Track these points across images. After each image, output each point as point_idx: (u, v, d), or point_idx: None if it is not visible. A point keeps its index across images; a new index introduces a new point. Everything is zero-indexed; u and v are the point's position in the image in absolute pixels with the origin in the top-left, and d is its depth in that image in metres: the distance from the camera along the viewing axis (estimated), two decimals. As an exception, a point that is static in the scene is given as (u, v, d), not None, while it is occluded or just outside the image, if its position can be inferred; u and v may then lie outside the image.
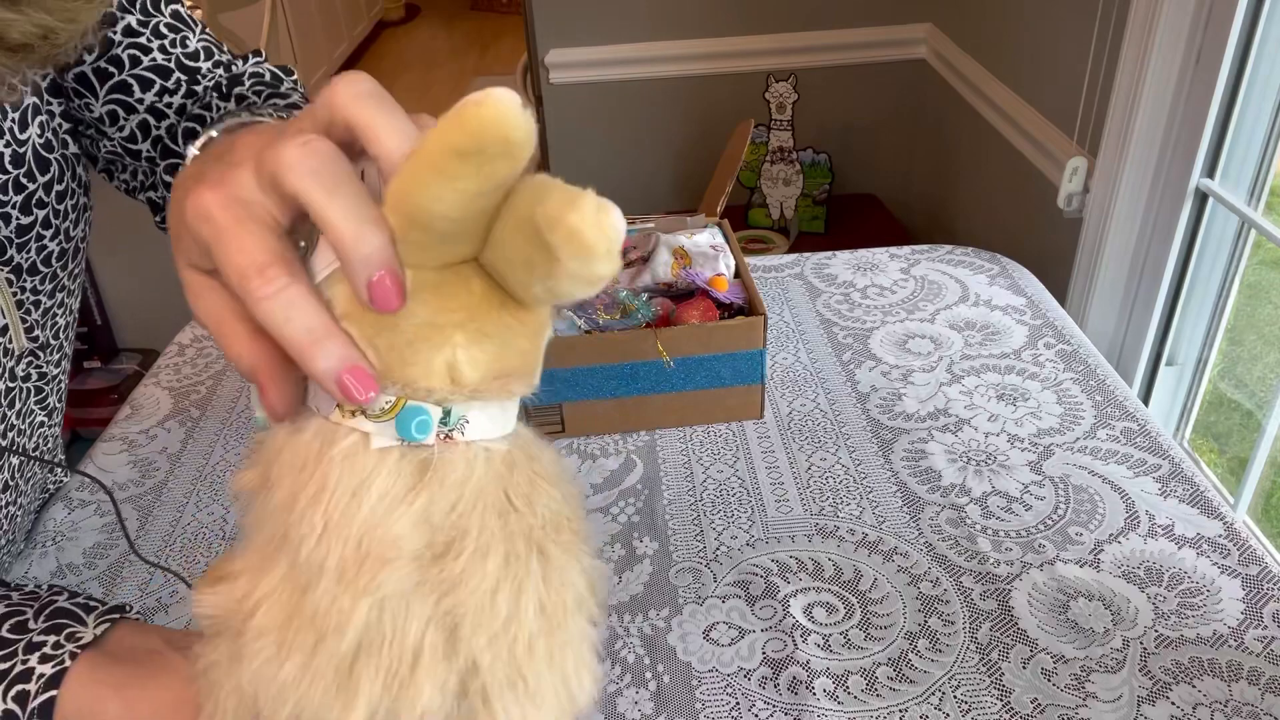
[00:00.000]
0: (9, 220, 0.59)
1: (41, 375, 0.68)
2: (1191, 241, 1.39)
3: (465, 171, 0.29)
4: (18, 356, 0.64)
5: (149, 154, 0.66)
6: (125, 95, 0.63)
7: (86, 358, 2.37)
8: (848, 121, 2.33)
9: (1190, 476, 0.84)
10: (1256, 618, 0.71)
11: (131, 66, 0.63)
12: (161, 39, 0.64)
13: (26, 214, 0.60)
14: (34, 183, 0.61)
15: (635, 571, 0.78)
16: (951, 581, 0.76)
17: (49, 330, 0.67)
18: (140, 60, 0.63)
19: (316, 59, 4.18)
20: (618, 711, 0.67)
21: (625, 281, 0.99)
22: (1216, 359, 1.46)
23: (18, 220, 0.60)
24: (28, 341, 0.64)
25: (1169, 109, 1.34)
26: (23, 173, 0.60)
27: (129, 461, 0.93)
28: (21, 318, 0.62)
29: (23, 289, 0.62)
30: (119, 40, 0.63)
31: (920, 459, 0.89)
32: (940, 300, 1.12)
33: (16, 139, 0.59)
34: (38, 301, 0.64)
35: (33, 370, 0.67)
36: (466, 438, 0.33)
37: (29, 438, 0.70)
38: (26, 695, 0.46)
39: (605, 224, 0.29)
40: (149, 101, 0.64)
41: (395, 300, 0.31)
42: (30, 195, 0.60)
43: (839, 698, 0.67)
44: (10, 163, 0.59)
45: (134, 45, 0.63)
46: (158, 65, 0.64)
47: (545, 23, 2.18)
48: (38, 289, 0.63)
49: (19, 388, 0.66)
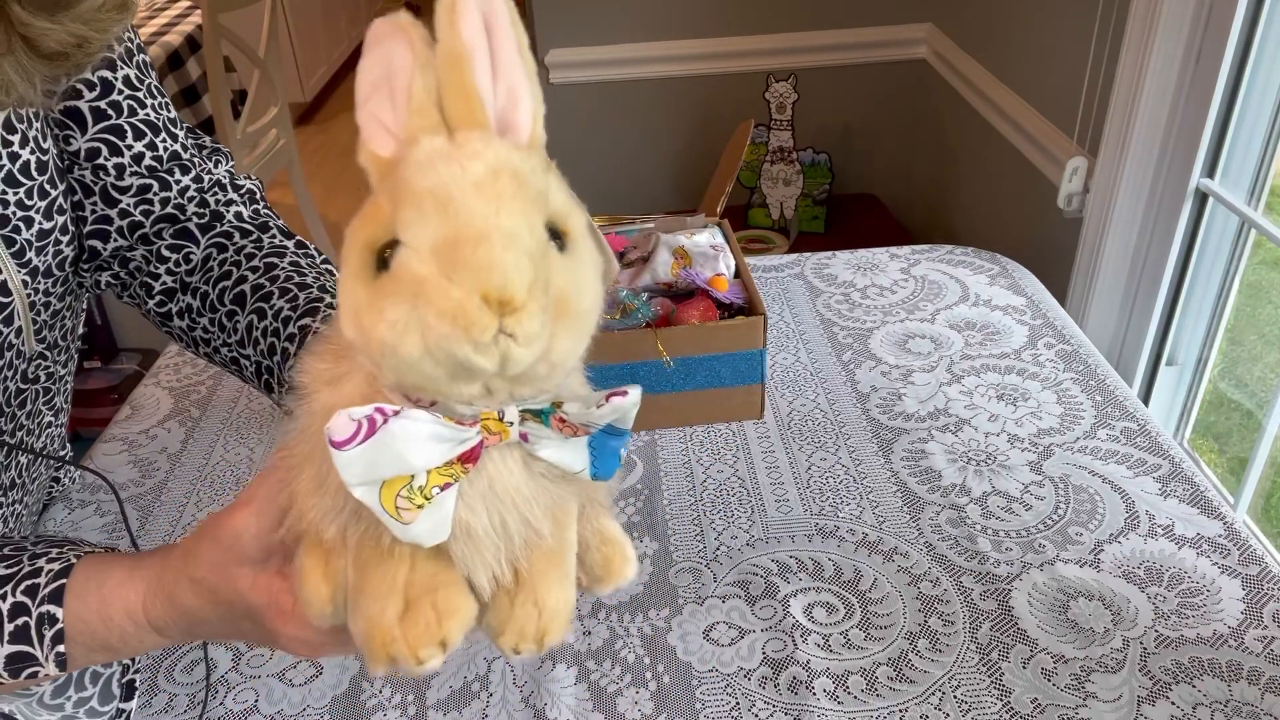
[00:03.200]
0: (32, 224, 0.61)
1: (50, 376, 0.69)
2: (1191, 241, 1.39)
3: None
4: (29, 359, 0.65)
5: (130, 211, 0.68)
6: (116, 138, 0.66)
7: (86, 358, 2.37)
8: (848, 121, 2.33)
9: (1190, 476, 0.84)
10: (1256, 618, 0.71)
11: (129, 115, 0.66)
12: (153, 99, 0.69)
13: (49, 219, 0.62)
14: (55, 189, 0.63)
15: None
16: (951, 581, 0.76)
17: (58, 331, 0.69)
18: (136, 112, 0.67)
19: (316, 59, 4.18)
20: (618, 711, 0.67)
21: (625, 281, 0.99)
22: (1216, 359, 1.46)
23: (40, 225, 0.61)
24: (37, 344, 0.65)
25: (1169, 109, 1.34)
26: (46, 179, 0.62)
27: (129, 461, 0.93)
28: (33, 319, 0.64)
29: (37, 290, 0.63)
30: (119, 88, 0.66)
31: (920, 459, 0.89)
32: (940, 300, 1.12)
33: (40, 147, 0.61)
34: (48, 304, 0.65)
35: (41, 372, 0.68)
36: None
37: (37, 437, 0.71)
38: (36, 588, 0.48)
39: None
40: (138, 151, 0.67)
41: None
42: (53, 201, 0.62)
43: (839, 698, 0.67)
44: (36, 169, 0.61)
45: (132, 98, 0.67)
46: (149, 121, 0.68)
47: (545, 23, 2.18)
48: (49, 291, 0.64)
49: (29, 389, 0.67)
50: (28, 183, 0.60)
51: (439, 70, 0.34)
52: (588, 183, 2.40)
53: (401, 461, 0.35)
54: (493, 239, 0.31)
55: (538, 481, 0.39)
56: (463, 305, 0.31)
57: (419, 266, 0.32)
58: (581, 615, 0.75)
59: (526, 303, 0.32)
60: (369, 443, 0.35)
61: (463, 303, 0.31)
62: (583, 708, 0.68)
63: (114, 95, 0.65)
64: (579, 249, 0.35)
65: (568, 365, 0.36)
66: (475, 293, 0.31)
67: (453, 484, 0.37)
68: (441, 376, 0.33)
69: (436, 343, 0.32)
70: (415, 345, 0.32)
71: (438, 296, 0.32)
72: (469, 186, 0.32)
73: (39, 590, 0.47)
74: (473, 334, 0.31)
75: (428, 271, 0.32)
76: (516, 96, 0.35)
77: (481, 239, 0.31)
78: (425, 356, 0.33)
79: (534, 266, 0.32)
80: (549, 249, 0.33)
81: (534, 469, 0.39)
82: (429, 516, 0.36)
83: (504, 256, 0.31)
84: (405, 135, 0.35)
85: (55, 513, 0.86)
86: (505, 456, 0.38)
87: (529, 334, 0.32)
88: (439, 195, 0.32)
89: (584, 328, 0.35)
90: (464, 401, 0.35)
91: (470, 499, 0.38)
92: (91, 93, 0.64)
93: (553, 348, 0.34)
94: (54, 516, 0.86)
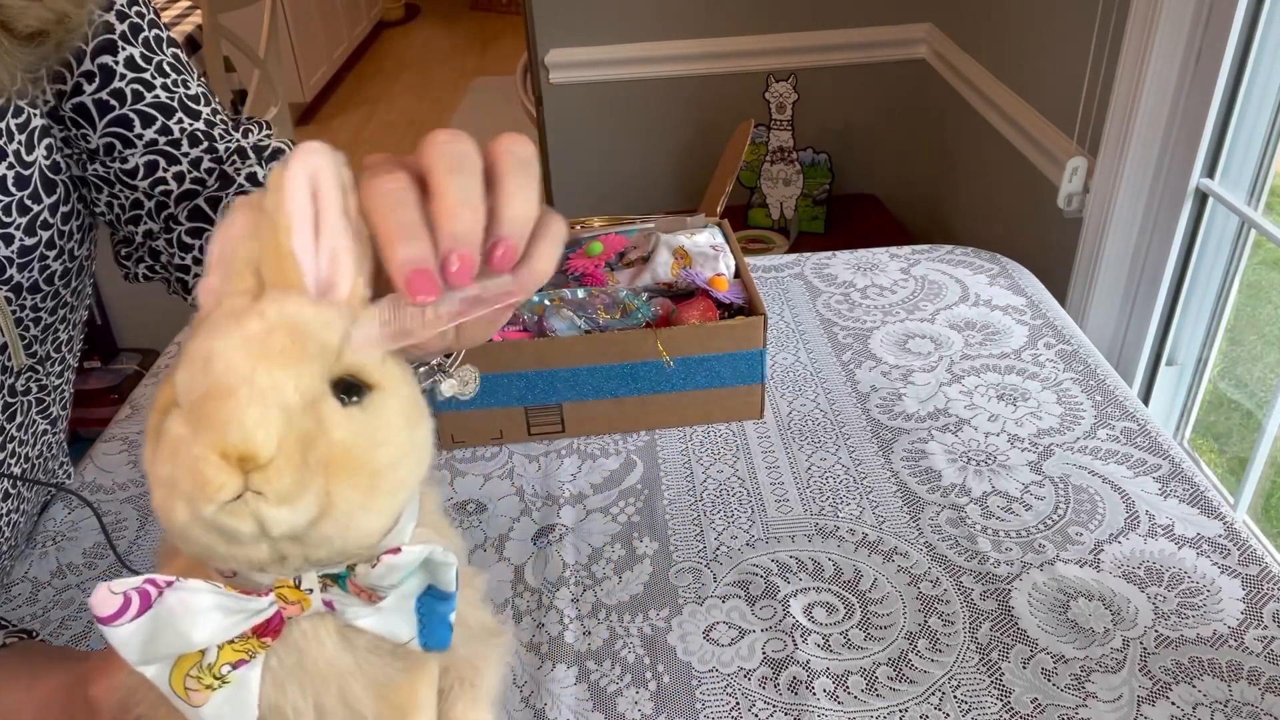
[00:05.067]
0: (11, 241, 0.58)
1: (42, 388, 0.68)
2: (1191, 241, 1.39)
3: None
4: (17, 373, 0.63)
5: (151, 193, 0.65)
6: (124, 129, 0.62)
7: (87, 358, 2.37)
8: (848, 121, 2.33)
9: (1190, 476, 0.84)
10: (1256, 618, 0.71)
11: (134, 101, 0.63)
12: (164, 77, 0.64)
13: (30, 235, 0.59)
14: (39, 204, 0.60)
15: (635, 571, 0.78)
16: (951, 581, 0.76)
17: (50, 345, 0.67)
18: (143, 96, 0.63)
19: (316, 59, 4.18)
20: (618, 711, 0.67)
21: (625, 281, 0.99)
22: (1216, 359, 1.46)
23: (21, 241, 0.59)
24: (27, 358, 0.63)
25: (1169, 109, 1.34)
26: (28, 194, 0.59)
27: (129, 461, 0.93)
28: (20, 335, 0.62)
29: (22, 307, 0.61)
30: (121, 73, 0.62)
31: (920, 459, 0.89)
32: (940, 300, 1.12)
33: (23, 161, 0.59)
34: (38, 319, 0.63)
35: (33, 384, 0.66)
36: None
37: (32, 446, 0.70)
38: None
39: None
40: (149, 138, 0.64)
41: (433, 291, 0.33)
42: (35, 217, 0.60)
43: (839, 698, 0.67)
44: (14, 185, 0.58)
45: (137, 80, 0.62)
46: (160, 103, 0.63)
47: (545, 23, 2.18)
48: (38, 306, 0.62)
49: (19, 402, 0.65)
50: (5, 199, 0.58)
51: (261, 238, 0.34)
52: (588, 183, 2.40)
53: (184, 639, 0.33)
54: (239, 393, 0.30)
55: (359, 655, 0.36)
56: (200, 462, 0.30)
57: (177, 427, 0.31)
58: (581, 615, 0.75)
59: (275, 458, 0.30)
60: (144, 618, 0.32)
61: (200, 459, 0.30)
62: (583, 708, 0.68)
63: (116, 83, 0.62)
64: (385, 402, 0.33)
65: (371, 526, 0.33)
66: (214, 449, 0.30)
67: (248, 660, 0.34)
68: (216, 542, 0.31)
69: (188, 505, 0.30)
70: (181, 510, 0.31)
71: (184, 455, 0.30)
72: (236, 344, 0.31)
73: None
74: (208, 492, 0.30)
75: (183, 431, 0.31)
76: (336, 257, 0.34)
77: (227, 394, 0.30)
78: (192, 522, 0.31)
79: (288, 420, 0.31)
80: (326, 402, 0.32)
81: (355, 642, 0.36)
82: (227, 698, 0.34)
83: (246, 411, 0.30)
84: (217, 300, 0.34)
85: (54, 513, 0.86)
86: (317, 628, 0.35)
87: (280, 492, 0.30)
88: (204, 354, 0.31)
89: (379, 485, 0.33)
90: (256, 569, 0.33)
91: (279, 675, 0.35)
92: (92, 84, 0.61)
93: (334, 506, 0.32)
94: (54, 516, 0.86)
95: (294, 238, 0.34)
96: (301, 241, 0.34)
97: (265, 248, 0.34)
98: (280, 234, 0.34)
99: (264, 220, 0.34)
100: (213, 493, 0.30)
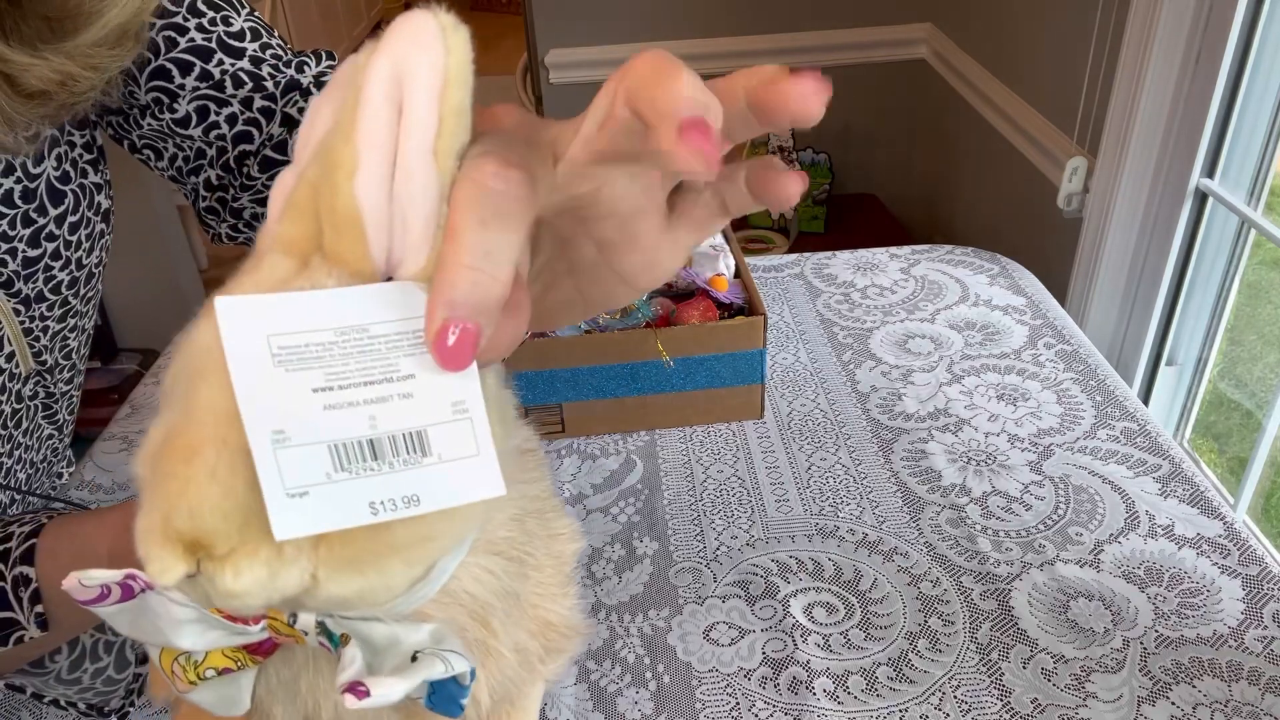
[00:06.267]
0: (16, 254, 0.58)
1: (49, 394, 0.67)
2: (1191, 241, 1.39)
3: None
4: (24, 379, 0.63)
5: (209, 140, 0.63)
6: (165, 81, 0.60)
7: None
8: (848, 121, 2.33)
9: (1190, 476, 0.84)
10: (1256, 618, 0.71)
11: (168, 50, 0.59)
12: (199, 17, 0.60)
13: (34, 247, 0.59)
14: (44, 216, 0.59)
15: (635, 571, 0.78)
16: (951, 581, 0.76)
17: (59, 353, 0.66)
18: (176, 42, 0.59)
19: (316, 59, 4.18)
20: (618, 711, 0.67)
21: (625, 281, 0.99)
22: (1216, 359, 1.46)
23: (25, 253, 0.59)
24: (35, 365, 0.63)
25: (1169, 109, 1.34)
26: (33, 207, 0.58)
27: (129, 461, 0.93)
28: (30, 344, 0.61)
29: (31, 317, 0.61)
30: (152, 23, 0.59)
31: (920, 459, 0.89)
32: (940, 300, 1.12)
33: (29, 174, 0.58)
34: (46, 327, 0.63)
35: (40, 389, 0.66)
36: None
37: (37, 451, 0.69)
38: (8, 552, 0.47)
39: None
40: (191, 85, 0.61)
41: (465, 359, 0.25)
42: (40, 229, 0.59)
43: (839, 698, 0.67)
44: (20, 198, 0.58)
45: (169, 26, 0.59)
46: (196, 46, 0.60)
47: (545, 23, 2.18)
48: (45, 315, 0.62)
49: (25, 407, 0.65)
50: (10, 212, 0.57)
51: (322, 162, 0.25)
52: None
53: (164, 637, 0.29)
54: (203, 457, 0.24)
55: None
56: (144, 536, 0.24)
57: (140, 466, 0.25)
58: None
59: (235, 549, 0.24)
60: (127, 605, 0.29)
61: (144, 533, 0.24)
62: (583, 708, 0.68)
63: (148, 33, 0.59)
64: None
65: (383, 591, 0.26)
66: (157, 527, 0.24)
67: (235, 670, 0.31)
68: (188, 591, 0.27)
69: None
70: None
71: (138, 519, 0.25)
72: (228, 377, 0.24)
73: (10, 554, 0.47)
74: (149, 571, 0.24)
75: (144, 474, 0.25)
76: (407, 222, 0.25)
77: (190, 455, 0.24)
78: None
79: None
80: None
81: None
82: (214, 689, 0.31)
83: (205, 489, 0.24)
84: (258, 252, 0.26)
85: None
86: (317, 656, 0.32)
87: (243, 585, 0.24)
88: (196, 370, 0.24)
89: (391, 561, 0.26)
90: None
91: (272, 684, 0.32)
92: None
93: (323, 585, 0.25)
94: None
95: (358, 181, 0.24)
96: (367, 189, 0.24)
97: (321, 187, 0.25)
98: (339, 174, 0.24)
99: (335, 132, 0.24)
100: (153, 575, 0.24)
